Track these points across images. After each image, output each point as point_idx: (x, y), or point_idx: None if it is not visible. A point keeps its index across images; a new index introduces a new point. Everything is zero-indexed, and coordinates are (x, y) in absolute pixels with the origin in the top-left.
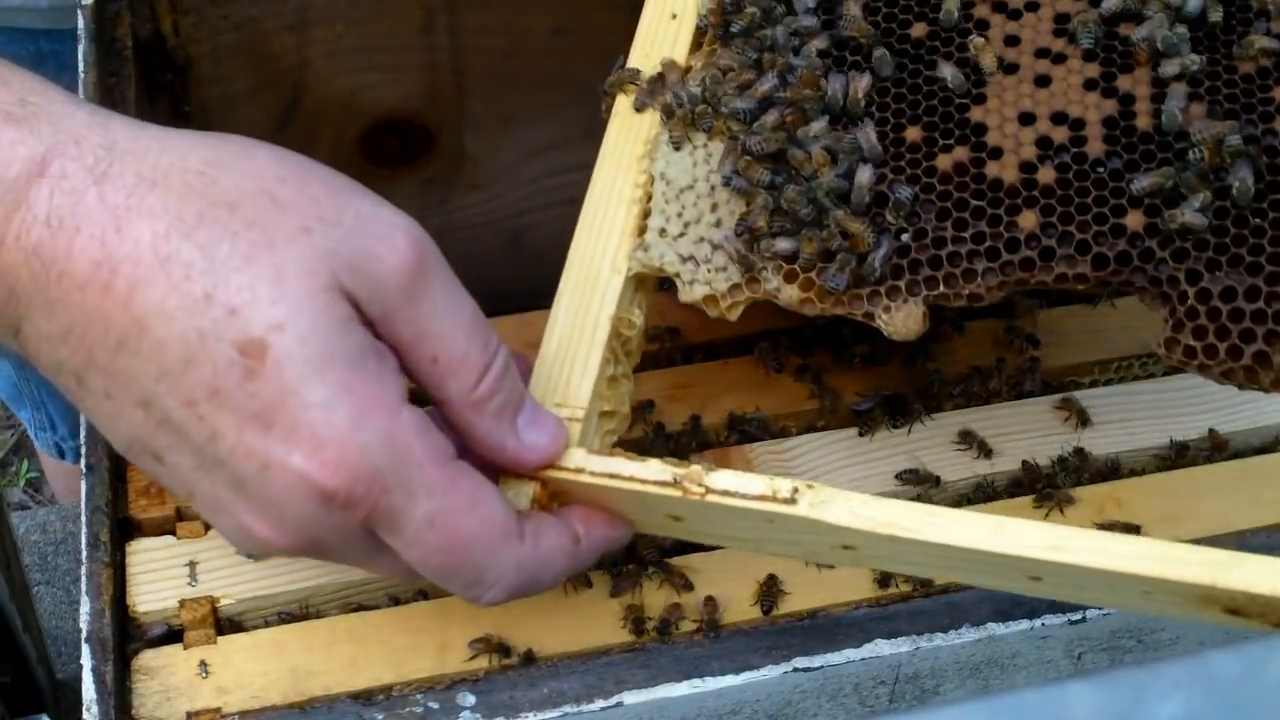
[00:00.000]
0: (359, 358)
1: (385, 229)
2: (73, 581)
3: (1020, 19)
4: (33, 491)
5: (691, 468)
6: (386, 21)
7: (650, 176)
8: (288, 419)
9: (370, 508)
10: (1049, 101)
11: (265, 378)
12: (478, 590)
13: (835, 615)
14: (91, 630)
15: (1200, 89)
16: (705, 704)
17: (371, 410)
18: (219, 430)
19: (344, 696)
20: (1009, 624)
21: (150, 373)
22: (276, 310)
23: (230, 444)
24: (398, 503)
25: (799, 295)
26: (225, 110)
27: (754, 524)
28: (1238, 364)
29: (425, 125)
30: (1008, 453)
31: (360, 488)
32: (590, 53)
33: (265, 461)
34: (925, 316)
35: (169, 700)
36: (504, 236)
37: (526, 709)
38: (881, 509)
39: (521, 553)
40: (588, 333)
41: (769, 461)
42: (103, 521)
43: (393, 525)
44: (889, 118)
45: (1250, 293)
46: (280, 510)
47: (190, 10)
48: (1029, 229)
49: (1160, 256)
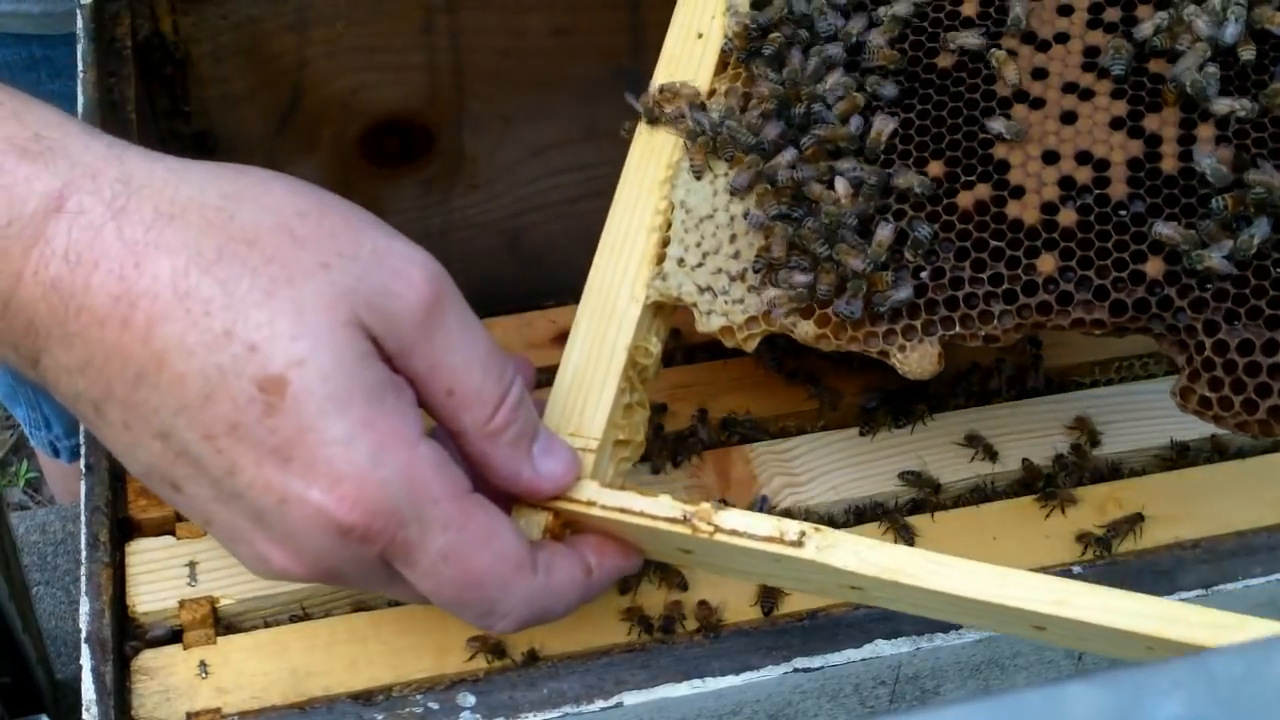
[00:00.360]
0: (378, 393)
1: (401, 263)
2: (73, 581)
3: (1049, 51)
4: (33, 491)
5: (701, 506)
6: (386, 21)
7: (671, 203)
8: (306, 454)
9: (387, 542)
10: (1074, 140)
11: (284, 413)
12: (490, 620)
13: (835, 615)
14: (91, 630)
15: (1228, 130)
16: (705, 704)
17: (390, 445)
18: (238, 464)
19: (344, 696)
20: None
21: (169, 406)
22: (296, 346)
23: (249, 478)
24: (413, 537)
25: (815, 331)
26: (225, 110)
27: (761, 562)
28: (1252, 417)
29: (425, 125)
30: (1008, 453)
31: (378, 522)
32: (590, 53)
33: (284, 495)
34: (940, 356)
35: (169, 700)
36: (504, 236)
37: (526, 709)
38: (888, 555)
39: (534, 585)
40: (604, 362)
41: (769, 461)
42: (102, 521)
43: (408, 558)
44: (911, 151)
45: (1268, 346)
46: (298, 542)
47: (190, 10)
48: (1047, 272)
49: (1179, 305)
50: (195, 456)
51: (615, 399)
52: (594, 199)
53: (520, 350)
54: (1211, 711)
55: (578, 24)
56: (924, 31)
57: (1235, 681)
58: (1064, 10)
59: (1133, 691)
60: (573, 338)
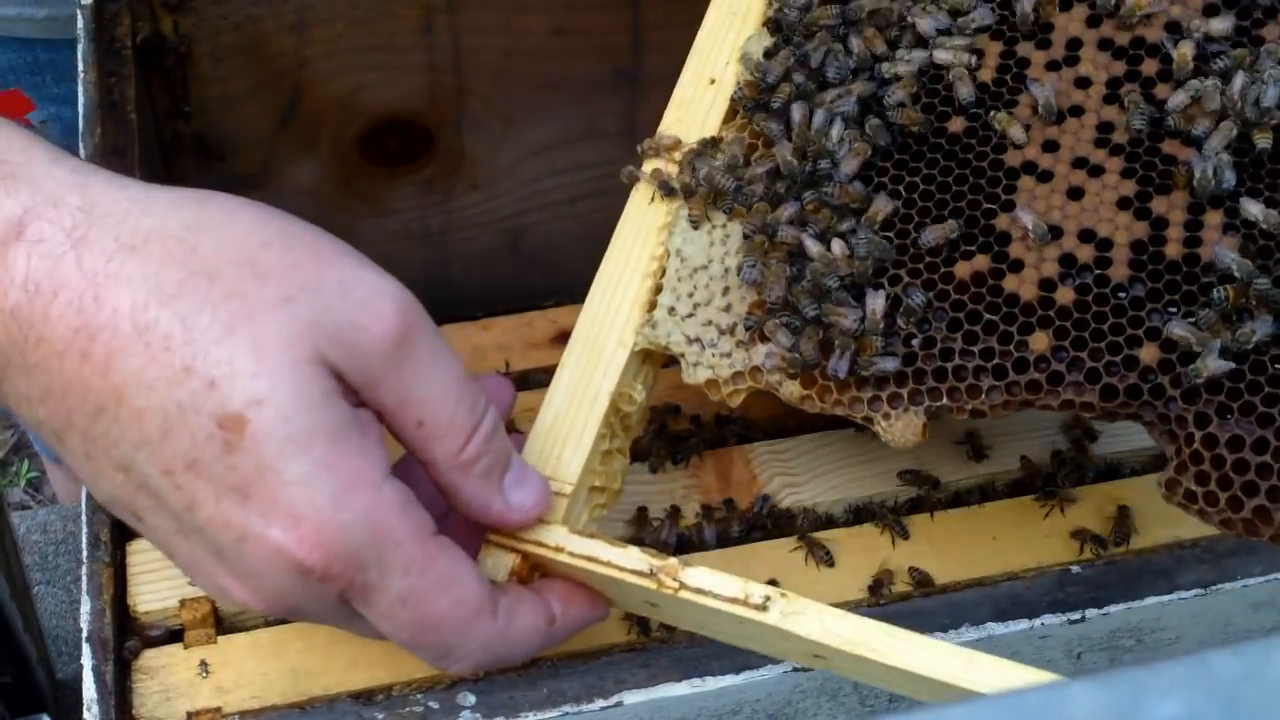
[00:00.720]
0: (341, 432)
1: (369, 294)
2: (73, 581)
3: (1063, 124)
4: (33, 491)
5: (669, 561)
6: (386, 21)
7: (667, 250)
8: (266, 493)
9: (346, 583)
10: (1079, 216)
11: (244, 451)
12: (445, 663)
13: None
14: (91, 630)
15: (1237, 220)
16: (705, 704)
17: (352, 487)
18: (197, 499)
19: (344, 696)
20: (1008, 624)
21: (129, 440)
22: (256, 385)
23: (208, 514)
24: (373, 580)
25: (800, 392)
26: (225, 110)
27: (725, 622)
28: (1237, 515)
29: (425, 125)
30: (1008, 451)
31: (337, 565)
32: (590, 53)
33: (243, 533)
34: (925, 427)
35: (169, 700)
36: (504, 236)
37: (526, 709)
38: (853, 627)
39: (493, 632)
40: (586, 406)
41: (768, 461)
42: (103, 521)
43: (367, 600)
44: (914, 215)
45: (1258, 444)
46: (259, 580)
47: (190, 10)
48: (1039, 351)
49: (1171, 394)
50: (155, 490)
51: (594, 444)
52: (594, 199)
53: (520, 350)
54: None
55: (578, 24)
56: (937, 94)
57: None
58: (1081, 83)
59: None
60: (557, 378)
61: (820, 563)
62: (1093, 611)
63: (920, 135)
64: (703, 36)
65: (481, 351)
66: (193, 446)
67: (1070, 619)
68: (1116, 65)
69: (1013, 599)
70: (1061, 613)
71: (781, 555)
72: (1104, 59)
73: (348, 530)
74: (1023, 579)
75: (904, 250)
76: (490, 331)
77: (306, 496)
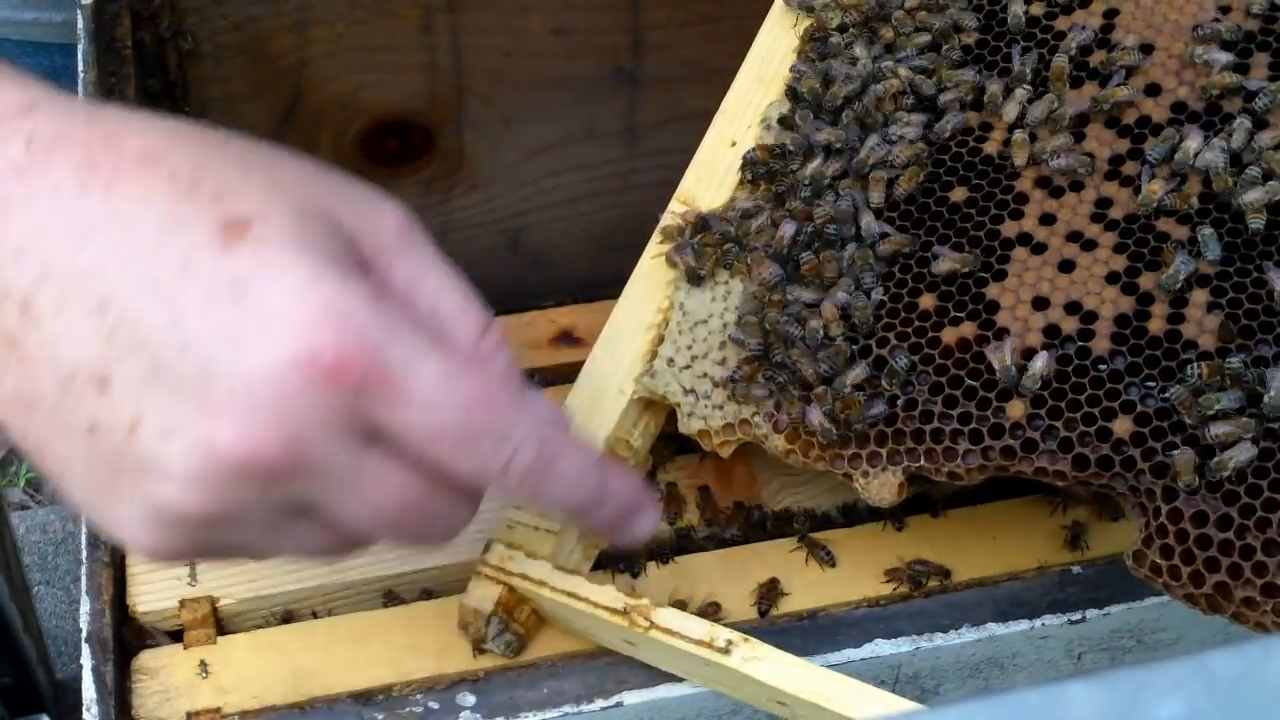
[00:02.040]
0: (345, 258)
1: (373, 194)
2: (73, 581)
3: (1061, 198)
4: (33, 491)
5: (641, 601)
6: (386, 21)
7: (672, 304)
8: (263, 290)
9: (364, 371)
10: (1067, 289)
11: (242, 253)
12: (503, 451)
13: (835, 615)
14: (91, 630)
15: (1222, 300)
16: (705, 704)
17: (357, 289)
18: (185, 309)
19: (344, 696)
20: (1009, 624)
21: (116, 262)
22: (267, 203)
23: (196, 323)
24: (398, 361)
25: (784, 446)
26: (225, 110)
27: (695, 665)
28: (1199, 590)
29: (425, 125)
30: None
31: (350, 349)
32: (590, 53)
33: (235, 333)
34: (902, 487)
35: (169, 700)
36: (504, 236)
37: (526, 709)
38: (812, 677)
39: (543, 413)
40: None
41: (768, 461)
42: None
43: (397, 394)
44: (908, 280)
45: (1222, 521)
46: (250, 396)
47: (190, 10)
48: (1015, 418)
49: (1140, 468)
50: (134, 321)
51: None
52: (594, 199)
53: (520, 350)
54: (1211, 711)
55: (578, 24)
56: (943, 164)
57: (1235, 681)
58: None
59: (1133, 691)
60: None
61: (821, 563)
62: (1093, 612)
63: (922, 205)
64: (730, 99)
65: None
66: (187, 250)
67: (1070, 619)
68: (1121, 143)
69: (1013, 599)
70: (1062, 613)
71: (782, 555)
72: (1109, 136)
73: (352, 316)
74: (1023, 579)
75: (895, 314)
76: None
77: (307, 289)
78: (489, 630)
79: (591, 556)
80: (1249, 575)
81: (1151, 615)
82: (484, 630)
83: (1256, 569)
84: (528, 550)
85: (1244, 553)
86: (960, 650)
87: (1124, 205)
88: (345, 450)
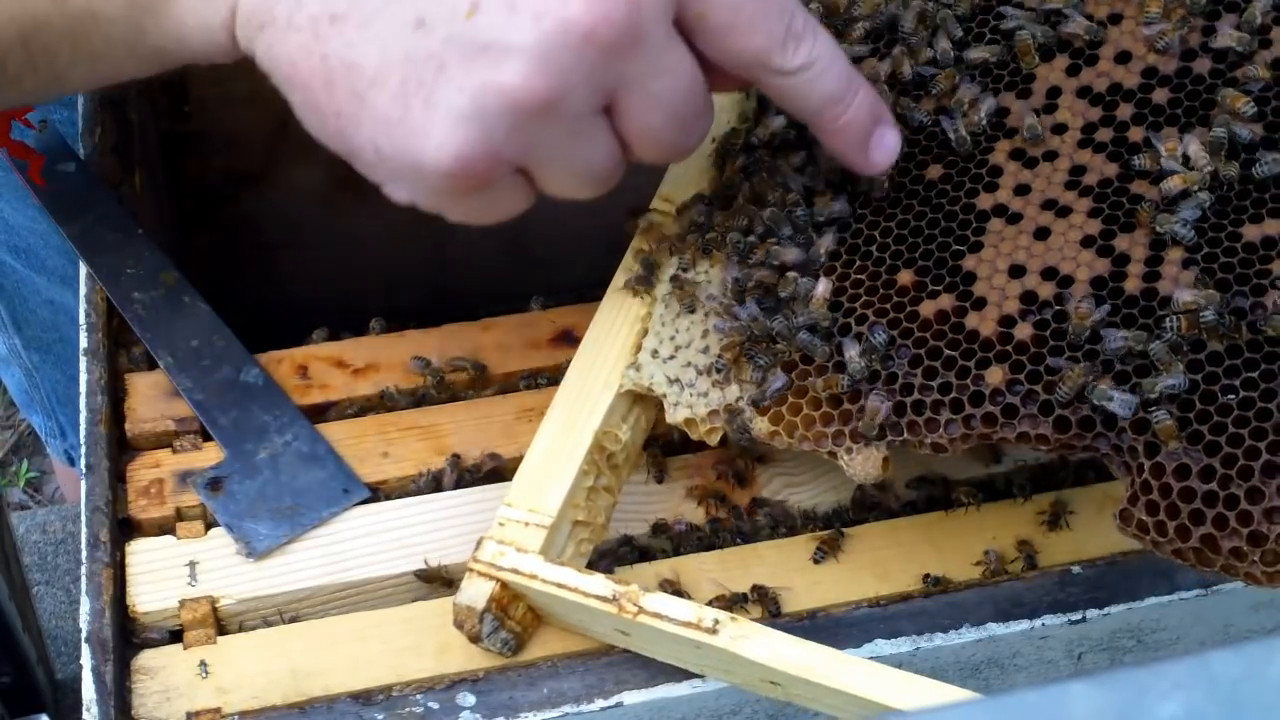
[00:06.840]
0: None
1: None
2: (73, 581)
3: (1035, 168)
4: (33, 491)
5: (630, 587)
6: None
7: (655, 297)
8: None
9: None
10: (1043, 255)
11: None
12: (797, 30)
13: (835, 615)
14: (91, 630)
15: (1198, 255)
16: (705, 704)
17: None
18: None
19: (344, 696)
20: (1009, 624)
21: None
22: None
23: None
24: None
25: (769, 428)
26: (225, 110)
27: (686, 648)
28: (1186, 545)
29: None
30: (1008, 451)
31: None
32: None
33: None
34: (886, 461)
35: (169, 700)
36: (504, 236)
37: (526, 709)
38: (800, 651)
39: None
40: (570, 443)
41: (768, 460)
42: (103, 521)
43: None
44: (886, 258)
45: (1204, 473)
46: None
47: None
48: (995, 384)
49: (1122, 425)
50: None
51: (577, 481)
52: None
53: (520, 350)
54: (1211, 711)
55: None
56: (918, 144)
57: (1235, 682)
58: (1057, 129)
59: (1133, 691)
60: (548, 415)
61: (821, 563)
62: (1093, 612)
63: (899, 183)
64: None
65: (481, 352)
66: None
67: (1071, 619)
68: (1093, 111)
69: (1013, 599)
70: (1062, 613)
71: (782, 555)
72: (1081, 105)
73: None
74: (1023, 579)
75: (873, 291)
76: (490, 331)
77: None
78: (484, 627)
79: (585, 552)
80: (1234, 525)
81: (1152, 615)
82: (479, 627)
83: (1241, 518)
84: (519, 546)
85: (1228, 502)
86: (960, 650)
87: (1098, 171)
88: (664, 27)
